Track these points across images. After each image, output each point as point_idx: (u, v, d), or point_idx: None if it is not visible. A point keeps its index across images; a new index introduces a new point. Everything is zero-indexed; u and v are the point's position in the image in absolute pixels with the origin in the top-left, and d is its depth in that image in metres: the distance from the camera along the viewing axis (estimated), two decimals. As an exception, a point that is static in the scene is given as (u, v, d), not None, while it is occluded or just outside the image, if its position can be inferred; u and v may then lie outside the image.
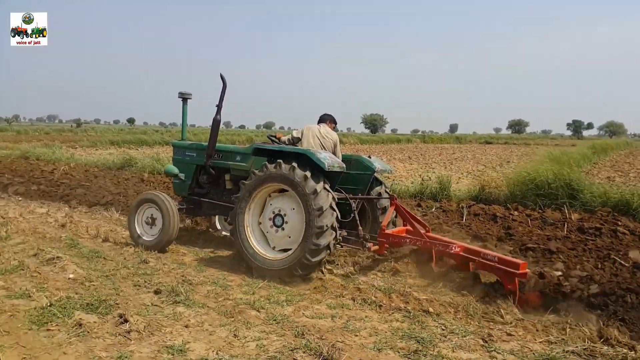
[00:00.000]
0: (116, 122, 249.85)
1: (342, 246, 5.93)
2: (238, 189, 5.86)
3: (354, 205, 5.94)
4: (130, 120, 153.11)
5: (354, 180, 6.31)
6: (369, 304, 4.70)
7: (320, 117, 6.79)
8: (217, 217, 7.72)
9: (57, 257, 5.65)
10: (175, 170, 7.04)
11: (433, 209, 8.69)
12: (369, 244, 5.66)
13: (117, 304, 4.39)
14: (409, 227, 5.97)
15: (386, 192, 6.48)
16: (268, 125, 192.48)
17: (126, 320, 3.99)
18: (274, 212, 5.58)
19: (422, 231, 5.77)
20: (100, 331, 3.85)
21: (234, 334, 3.94)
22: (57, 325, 3.93)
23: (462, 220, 7.95)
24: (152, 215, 6.60)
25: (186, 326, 4.07)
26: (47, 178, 12.81)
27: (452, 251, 5.25)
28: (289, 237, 5.49)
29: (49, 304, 4.29)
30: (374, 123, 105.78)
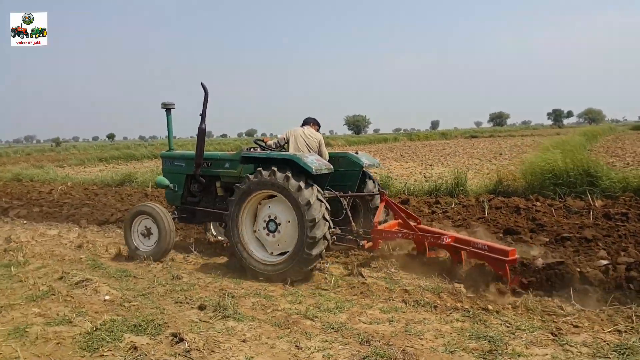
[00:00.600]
0: (95, 138, 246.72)
1: (335, 245, 5.97)
2: (229, 195, 5.98)
3: (344, 202, 6.03)
4: (110, 136, 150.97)
5: (343, 178, 6.38)
6: (423, 306, 4.57)
7: (304, 120, 6.87)
8: (211, 223, 7.76)
9: (87, 279, 5.42)
10: (166, 181, 7.07)
11: (452, 205, 8.60)
12: (363, 242, 5.78)
13: (165, 323, 4.21)
14: (400, 221, 6.04)
15: (378, 187, 6.61)
16: (250, 133, 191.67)
17: (182, 339, 3.82)
18: (268, 217, 5.66)
19: (413, 224, 5.87)
20: (157, 352, 3.66)
21: (296, 346, 3.79)
22: (109, 350, 3.74)
23: (485, 214, 7.87)
24: (146, 226, 6.62)
25: (244, 341, 3.91)
26: (46, 199, 12.48)
27: (444, 242, 5.38)
28: (284, 241, 5.59)
29: (94, 329, 4.09)
30: (357, 124, 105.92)
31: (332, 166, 5.76)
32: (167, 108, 7.01)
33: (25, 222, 10.01)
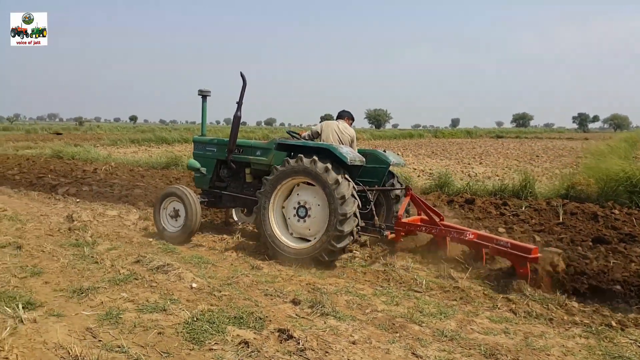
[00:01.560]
0: (117, 119, 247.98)
1: (359, 236, 5.96)
2: (258, 182, 6.20)
3: (370, 196, 6.16)
4: (133, 118, 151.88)
5: (370, 173, 6.49)
6: (535, 317, 4.27)
7: (338, 113, 6.96)
8: (233, 209, 7.91)
9: (167, 264, 5.24)
10: (197, 164, 7.23)
11: (523, 208, 8.24)
12: (387, 233, 5.89)
13: (265, 316, 3.98)
14: (423, 217, 6.13)
15: (399, 183, 6.73)
16: (269, 122, 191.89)
17: (290, 337, 3.60)
18: (298, 203, 5.80)
19: (437, 219, 5.92)
20: (269, 349, 3.44)
21: (413, 353, 3.53)
22: (216, 343, 3.53)
23: (560, 219, 7.50)
24: (175, 208, 6.76)
25: (353, 343, 3.66)
26: (93, 178, 12.39)
27: (467, 238, 5.40)
28: (312, 228, 5.73)
29: (193, 319, 3.89)
30: (378, 119, 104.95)
31: (364, 159, 5.91)
32: (204, 95, 7.21)
33: (78, 200, 9.92)
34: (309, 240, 5.78)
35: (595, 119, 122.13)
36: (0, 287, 4.53)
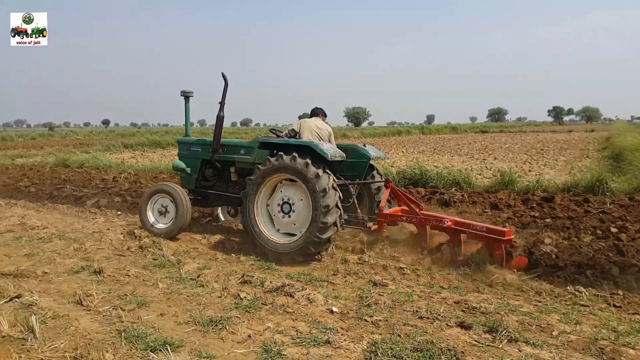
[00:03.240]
0: (86, 124, 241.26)
1: (343, 228, 6.11)
2: (243, 180, 6.35)
3: (352, 190, 6.32)
4: (105, 122, 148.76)
5: (352, 168, 6.66)
6: None
7: (312, 110, 7.14)
8: (219, 208, 8.05)
9: (287, 284, 4.61)
10: (182, 165, 7.36)
11: (608, 204, 7.78)
12: (370, 224, 6.05)
13: (448, 348, 3.37)
14: (404, 207, 6.29)
15: (379, 175, 6.88)
16: (245, 122, 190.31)
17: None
18: (282, 200, 5.94)
19: (417, 210, 6.05)
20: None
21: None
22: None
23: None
24: (163, 204, 6.94)
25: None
26: (120, 188, 11.54)
27: (445, 225, 5.62)
28: (297, 223, 5.87)
29: (373, 353, 3.29)
30: (356, 116, 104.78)
31: (344, 154, 6.06)
32: (186, 96, 7.32)
33: (119, 213, 9.15)
34: (295, 235, 5.85)
35: (570, 111, 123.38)
36: (115, 325, 3.84)
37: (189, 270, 5.30)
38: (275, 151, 6.09)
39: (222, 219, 8.11)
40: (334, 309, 4.14)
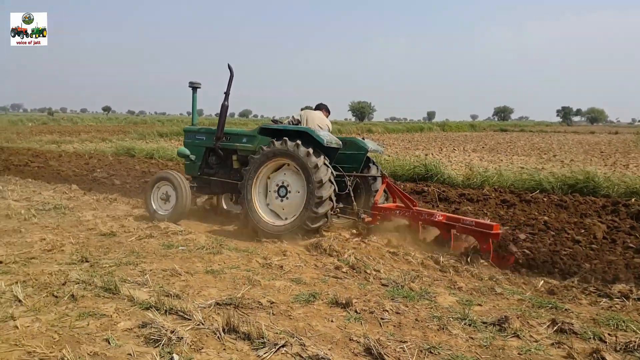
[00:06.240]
0: (83, 110, 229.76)
1: (338, 217, 6.43)
2: (244, 166, 6.52)
3: (348, 181, 6.52)
4: (107, 109, 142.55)
5: (349, 160, 6.86)
6: None
7: (316, 105, 7.52)
8: (222, 196, 7.91)
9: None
10: (187, 152, 7.61)
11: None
12: (364, 216, 6.36)
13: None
14: (398, 203, 6.60)
15: (379, 170, 7.14)
16: (244, 114, 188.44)
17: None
18: (278, 184, 6.24)
19: (410, 205, 6.31)
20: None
21: None
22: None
23: None
24: (166, 192, 7.17)
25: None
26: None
27: (437, 219, 5.85)
28: (290, 206, 6.13)
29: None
30: (362, 111, 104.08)
31: (340, 142, 6.32)
32: (194, 87, 7.62)
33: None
34: (283, 219, 6.16)
35: (579, 112, 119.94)
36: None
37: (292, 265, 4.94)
38: (275, 138, 6.23)
39: (225, 207, 7.86)
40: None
